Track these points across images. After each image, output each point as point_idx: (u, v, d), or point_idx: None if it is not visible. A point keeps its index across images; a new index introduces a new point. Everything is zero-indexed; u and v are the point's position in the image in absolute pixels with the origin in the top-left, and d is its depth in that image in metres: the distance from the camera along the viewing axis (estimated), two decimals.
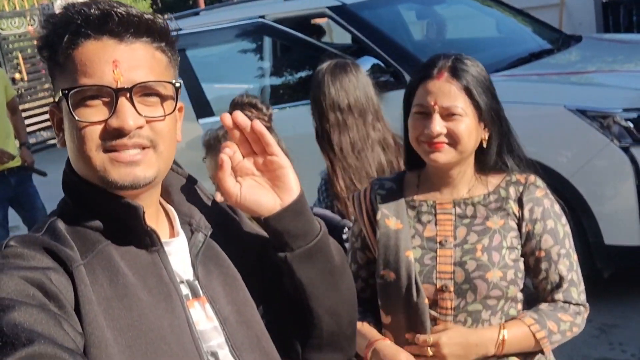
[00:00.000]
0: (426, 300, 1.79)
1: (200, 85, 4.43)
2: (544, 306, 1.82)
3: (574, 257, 1.83)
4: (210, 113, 4.40)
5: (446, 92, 1.75)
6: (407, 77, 4.40)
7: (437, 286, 1.79)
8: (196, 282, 1.25)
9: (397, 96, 4.28)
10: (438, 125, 1.75)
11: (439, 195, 1.87)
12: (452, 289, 1.79)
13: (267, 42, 5.12)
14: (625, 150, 3.89)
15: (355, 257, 1.97)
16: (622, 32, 7.39)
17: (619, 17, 7.34)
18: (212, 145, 2.40)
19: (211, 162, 2.34)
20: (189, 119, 4.84)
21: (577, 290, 1.82)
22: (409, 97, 1.84)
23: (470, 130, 1.76)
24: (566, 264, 1.81)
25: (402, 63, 4.49)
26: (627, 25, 7.37)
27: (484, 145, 1.82)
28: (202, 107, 4.40)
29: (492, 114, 1.79)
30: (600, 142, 3.92)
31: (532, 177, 1.86)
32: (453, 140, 1.76)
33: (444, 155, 1.76)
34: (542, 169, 3.89)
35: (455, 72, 1.77)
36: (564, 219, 1.84)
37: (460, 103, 1.75)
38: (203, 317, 1.24)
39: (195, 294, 1.25)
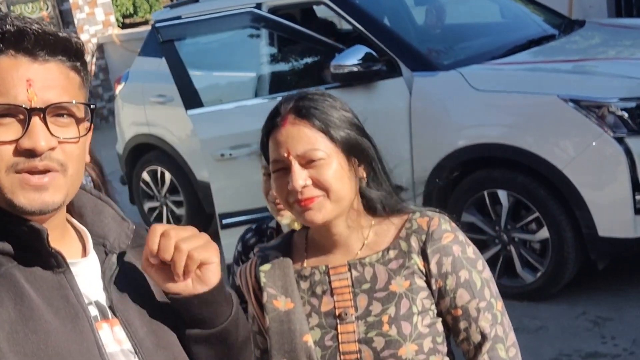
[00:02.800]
0: None
1: (189, 75, 4.40)
2: None
3: (498, 306, 1.55)
4: (199, 104, 4.37)
5: (297, 137, 1.49)
6: (402, 66, 4.36)
7: None
8: (106, 304, 1.23)
9: (391, 85, 4.36)
10: (299, 177, 1.47)
11: (332, 257, 1.57)
12: None
13: (263, 31, 5.07)
14: (620, 141, 3.80)
15: (256, 342, 1.64)
16: (635, 15, 7.23)
17: (631, 2, 7.18)
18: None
19: (266, 182, 2.16)
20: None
21: (504, 346, 1.53)
22: (264, 153, 1.59)
23: (339, 172, 1.49)
24: (488, 318, 1.52)
25: (396, 51, 4.43)
26: (639, 7, 7.20)
27: (363, 184, 1.56)
28: (190, 99, 4.37)
29: (359, 146, 1.52)
30: (594, 133, 3.84)
31: (436, 220, 1.54)
32: (322, 189, 1.48)
33: (319, 212, 1.49)
34: (536, 159, 3.95)
35: (300, 112, 1.51)
36: (480, 264, 1.55)
37: (317, 144, 1.48)
38: (111, 340, 1.21)
39: (104, 316, 1.22)
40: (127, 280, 1.27)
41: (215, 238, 4.81)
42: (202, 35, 4.72)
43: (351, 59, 4.32)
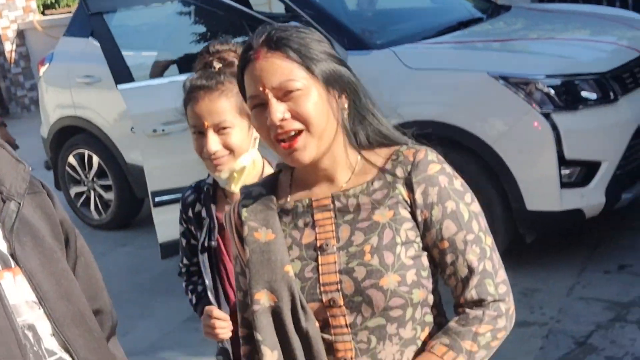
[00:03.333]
0: (316, 323, 1.47)
1: (119, 49, 4.31)
2: (453, 324, 1.47)
3: (487, 241, 1.48)
4: (130, 78, 4.29)
5: (271, 69, 1.42)
6: (336, 44, 4.36)
7: (324, 302, 1.46)
8: (8, 252, 1.19)
9: None
10: (277, 110, 1.41)
11: (317, 191, 1.53)
12: (341, 302, 1.45)
13: (195, 5, 5.01)
14: (547, 116, 3.92)
15: (238, 283, 1.62)
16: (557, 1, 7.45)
17: None
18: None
19: (197, 140, 2.02)
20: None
21: (493, 282, 1.47)
22: (243, 92, 1.52)
23: (318, 103, 1.43)
24: (476, 252, 1.46)
25: (329, 30, 4.43)
26: None
27: (345, 115, 1.49)
28: (120, 73, 4.28)
29: (336, 77, 1.46)
30: (522, 109, 3.95)
31: (423, 151, 1.49)
32: (302, 121, 1.43)
33: (304, 151, 1.44)
34: (466, 135, 4.03)
35: (273, 43, 1.44)
36: (468, 196, 1.49)
37: (293, 75, 1.42)
38: (13, 290, 1.17)
39: (5, 265, 1.18)
40: (27, 229, 1.23)
41: (147, 222, 4.76)
42: (132, 8, 4.61)
43: None
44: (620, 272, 4.10)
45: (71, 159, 5.96)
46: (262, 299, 1.48)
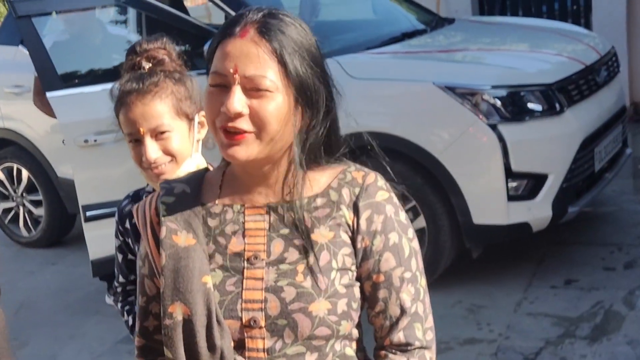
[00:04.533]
0: (232, 343, 1.32)
1: (48, 54, 4.08)
2: None
3: (422, 282, 1.39)
4: (60, 86, 4.07)
5: (251, 56, 1.26)
6: None
7: (244, 321, 1.31)
8: None
9: None
10: (237, 101, 1.25)
11: (251, 197, 1.38)
12: (262, 323, 1.31)
13: (133, 13, 4.82)
14: (493, 127, 3.85)
15: (143, 287, 1.44)
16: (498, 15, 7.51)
17: (494, 5, 7.45)
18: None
19: (135, 149, 1.85)
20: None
21: (422, 326, 1.37)
22: (207, 66, 1.34)
23: (281, 112, 1.27)
24: (410, 292, 1.36)
25: None
26: (501, 12, 7.49)
27: (304, 134, 1.33)
28: (50, 80, 4.06)
29: (313, 92, 1.30)
30: (469, 120, 3.87)
31: (372, 175, 1.38)
32: (257, 125, 1.27)
33: (245, 149, 1.28)
34: (411, 146, 3.93)
35: (266, 30, 1.27)
36: (411, 232, 1.39)
37: (270, 73, 1.26)
38: None
39: None
40: None
41: (79, 240, 4.54)
42: (62, 11, 4.40)
43: None
44: (567, 287, 4.04)
45: None
46: (175, 312, 1.32)
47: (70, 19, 4.58)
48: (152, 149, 1.80)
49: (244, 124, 1.27)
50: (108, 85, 4.00)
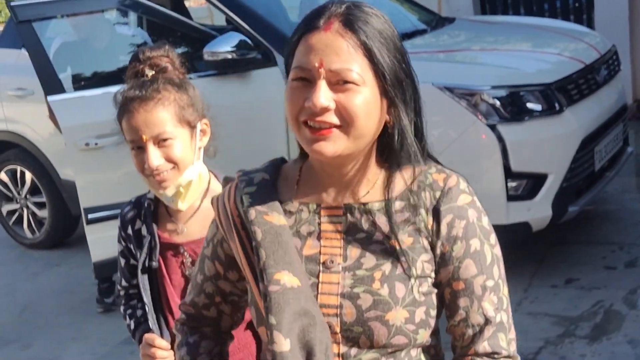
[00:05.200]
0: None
1: (49, 58, 4.11)
2: None
3: (505, 290, 1.33)
4: (61, 89, 4.09)
5: (337, 49, 1.23)
6: (277, 56, 4.25)
7: None
8: None
9: (266, 74, 4.24)
10: (324, 96, 1.22)
11: (327, 196, 1.34)
12: (337, 329, 1.28)
13: (133, 17, 4.85)
14: (492, 128, 3.86)
15: (202, 266, 1.48)
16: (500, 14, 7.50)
17: (496, 3, 7.44)
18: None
19: (137, 156, 1.86)
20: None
21: (505, 337, 1.31)
22: (288, 61, 1.31)
23: (368, 106, 1.24)
24: (493, 300, 1.30)
25: (271, 41, 4.32)
26: (503, 11, 7.48)
27: (389, 130, 1.30)
28: (51, 83, 4.08)
29: (401, 85, 1.27)
30: (468, 120, 3.88)
31: (454, 178, 1.32)
32: (344, 120, 1.23)
33: (332, 144, 1.24)
34: None
35: (351, 22, 1.24)
36: (493, 238, 1.33)
37: (357, 66, 1.23)
38: None
39: None
40: None
41: (83, 241, 4.57)
42: (63, 16, 4.42)
43: (225, 45, 4.19)
44: (567, 286, 4.05)
45: (2, 176, 5.69)
46: (283, 280, 1.27)
47: (73, 22, 4.60)
48: (155, 156, 1.81)
49: (331, 117, 1.24)
50: (109, 89, 4.05)
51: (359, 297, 1.27)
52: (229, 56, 4.18)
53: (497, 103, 3.89)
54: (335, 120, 1.24)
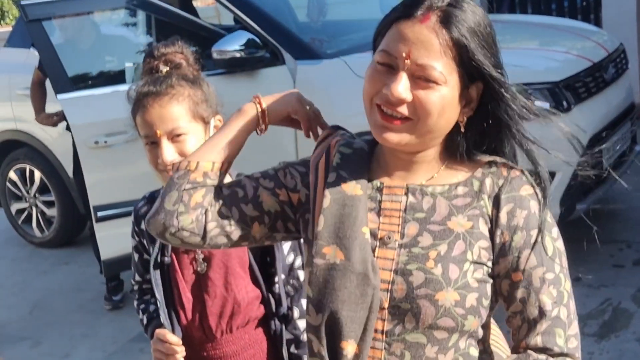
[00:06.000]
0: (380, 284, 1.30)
1: (59, 57, 4.13)
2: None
3: (567, 285, 1.30)
4: (71, 88, 4.11)
5: (427, 43, 1.22)
6: (285, 54, 4.26)
7: None
8: None
9: (274, 73, 4.25)
10: (403, 86, 1.22)
11: (391, 176, 1.36)
12: (385, 305, 1.28)
13: (142, 16, 4.86)
14: None
15: (266, 171, 1.47)
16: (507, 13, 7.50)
17: (502, 2, 7.44)
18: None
19: (151, 151, 1.88)
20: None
21: (564, 332, 1.27)
22: (376, 39, 1.31)
23: (445, 105, 1.24)
24: (552, 294, 1.27)
25: (279, 39, 4.33)
26: (510, 9, 7.48)
27: (461, 129, 1.31)
28: (60, 82, 4.10)
29: (486, 85, 1.27)
30: None
31: (518, 170, 1.32)
32: (417, 114, 1.24)
33: (397, 135, 1.26)
34: None
35: (448, 19, 1.23)
36: (555, 231, 1.31)
37: (442, 65, 1.23)
38: None
39: None
40: None
41: (90, 240, 4.60)
42: (72, 15, 4.44)
43: (233, 44, 4.20)
44: (575, 284, 3.98)
45: (12, 174, 5.73)
46: (329, 254, 1.30)
47: (82, 21, 4.62)
48: (169, 151, 1.82)
49: (404, 109, 1.24)
50: (118, 87, 4.08)
51: (411, 274, 1.27)
52: (237, 55, 4.19)
53: None
54: (407, 113, 1.25)
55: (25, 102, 5.47)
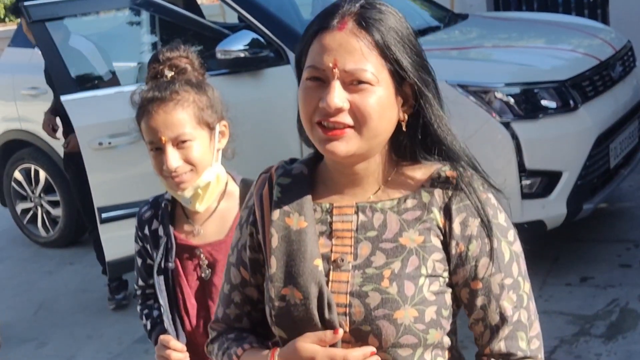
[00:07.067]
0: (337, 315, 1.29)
1: (62, 58, 4.11)
2: None
3: (526, 287, 1.31)
4: (74, 89, 4.09)
5: (350, 48, 1.23)
6: (290, 54, 4.24)
7: None
8: None
9: (278, 73, 4.23)
10: (337, 96, 1.22)
11: (340, 196, 1.34)
12: (347, 328, 1.27)
13: (146, 16, 4.84)
14: (506, 125, 3.83)
15: (228, 275, 1.46)
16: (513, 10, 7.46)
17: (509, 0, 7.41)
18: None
19: (156, 157, 1.86)
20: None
21: (526, 335, 1.29)
22: (299, 60, 1.31)
23: (383, 106, 1.24)
24: (512, 299, 1.28)
25: (283, 39, 4.31)
26: (516, 7, 7.44)
27: (403, 127, 1.30)
28: (64, 83, 4.09)
29: (420, 81, 1.27)
30: (481, 118, 3.85)
31: (468, 174, 1.31)
32: (358, 120, 1.23)
33: (345, 144, 1.24)
34: None
35: (365, 21, 1.24)
36: (511, 234, 1.31)
37: (371, 66, 1.23)
38: None
39: None
40: None
41: (92, 243, 4.59)
42: (75, 16, 4.43)
43: (237, 44, 4.18)
44: (582, 284, 4.02)
45: (17, 174, 5.73)
46: (288, 295, 1.30)
47: (87, 21, 4.62)
48: (174, 157, 1.81)
49: (345, 118, 1.24)
50: (122, 88, 4.06)
51: (367, 296, 1.26)
52: (242, 55, 4.18)
53: (511, 100, 3.87)
54: (348, 120, 1.24)
55: (29, 102, 5.48)
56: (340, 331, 1.27)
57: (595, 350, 3.41)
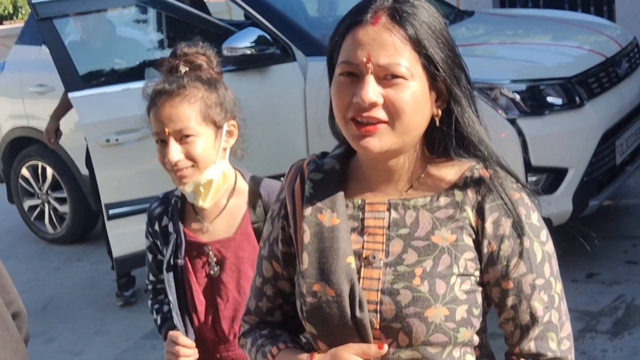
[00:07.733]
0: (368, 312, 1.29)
1: (70, 55, 4.13)
2: None
3: (557, 287, 1.30)
4: (82, 86, 4.11)
5: (384, 43, 1.22)
6: (296, 51, 4.25)
7: None
8: None
9: (285, 70, 4.24)
10: (372, 90, 1.22)
11: (371, 192, 1.34)
12: (377, 325, 1.27)
13: (153, 13, 4.86)
14: (512, 122, 3.84)
15: (260, 269, 1.46)
16: (519, 7, 7.45)
17: None
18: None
19: (161, 150, 1.87)
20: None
21: (556, 336, 1.29)
22: (331, 55, 1.31)
23: (417, 100, 1.24)
24: (543, 299, 1.27)
25: (290, 36, 4.32)
26: (522, 4, 7.43)
27: (437, 123, 1.29)
28: (71, 80, 4.10)
29: (451, 78, 1.26)
30: (487, 114, 3.85)
31: (501, 174, 1.30)
32: (391, 115, 1.23)
33: (379, 140, 1.24)
34: None
35: (399, 15, 1.23)
36: (544, 234, 1.30)
37: (405, 60, 1.22)
38: None
39: None
40: None
41: (102, 236, 4.61)
42: (84, 13, 4.45)
43: (244, 41, 4.20)
44: (588, 281, 4.03)
45: (24, 171, 5.75)
46: (320, 291, 1.30)
47: (92, 19, 4.63)
48: (175, 151, 1.83)
49: (378, 113, 1.23)
50: (129, 85, 4.07)
51: (398, 293, 1.26)
52: (248, 52, 4.19)
53: (517, 97, 3.87)
54: (382, 115, 1.24)
55: (37, 99, 5.50)
56: (385, 347, 1.27)
57: (601, 347, 3.42)
